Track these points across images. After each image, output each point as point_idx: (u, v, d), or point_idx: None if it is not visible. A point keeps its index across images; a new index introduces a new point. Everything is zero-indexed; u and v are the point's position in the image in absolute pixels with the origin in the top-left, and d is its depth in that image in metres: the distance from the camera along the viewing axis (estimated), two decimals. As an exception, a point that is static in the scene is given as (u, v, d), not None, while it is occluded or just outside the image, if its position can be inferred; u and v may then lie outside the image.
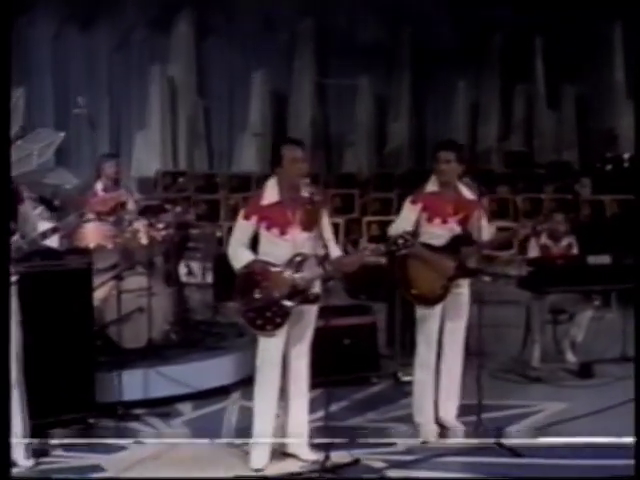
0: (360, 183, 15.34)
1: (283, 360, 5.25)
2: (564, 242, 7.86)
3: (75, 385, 5.90)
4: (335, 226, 12.27)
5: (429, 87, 17.70)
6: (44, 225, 5.34)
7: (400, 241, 5.13)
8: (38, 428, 5.64)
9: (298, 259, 5.08)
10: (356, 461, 5.22)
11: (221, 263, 9.14)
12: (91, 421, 5.96)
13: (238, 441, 5.49)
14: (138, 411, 6.25)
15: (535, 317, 7.51)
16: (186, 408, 6.42)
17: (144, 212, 7.88)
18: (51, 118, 15.38)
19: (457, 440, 5.65)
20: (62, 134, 12.18)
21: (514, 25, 16.96)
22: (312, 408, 6.32)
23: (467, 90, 17.53)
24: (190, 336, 7.30)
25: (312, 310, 5.21)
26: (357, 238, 12.72)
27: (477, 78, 17.74)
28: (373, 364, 7.16)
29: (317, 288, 5.13)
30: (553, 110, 17.42)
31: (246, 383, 6.78)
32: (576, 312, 7.64)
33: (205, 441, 5.55)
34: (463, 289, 5.85)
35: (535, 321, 7.52)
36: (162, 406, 6.37)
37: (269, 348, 5.16)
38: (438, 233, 5.79)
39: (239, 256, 5.12)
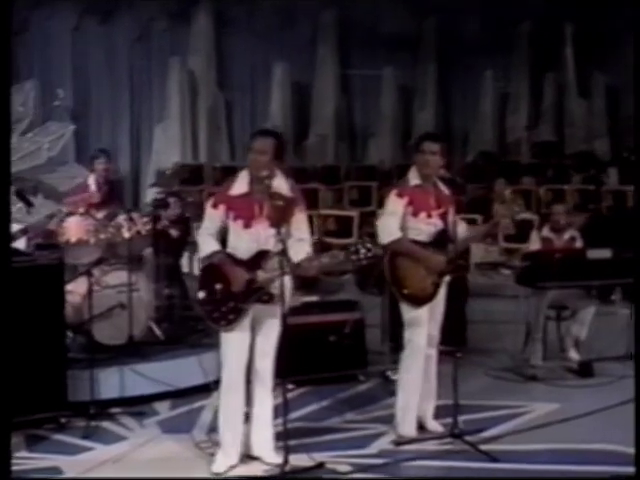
0: (381, 175, 15.05)
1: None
2: (566, 235, 7.55)
3: (47, 383, 5.78)
4: (349, 219, 12.27)
5: (455, 76, 17.37)
6: (14, 227, 5.25)
7: (362, 250, 4.87)
8: (8, 427, 5.58)
9: (260, 256, 4.88)
10: (320, 465, 5.00)
11: None
12: (63, 420, 5.83)
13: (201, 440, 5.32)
14: (113, 410, 6.09)
15: (535, 313, 7.22)
16: (163, 407, 6.24)
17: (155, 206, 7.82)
18: (69, 112, 15.37)
19: (427, 444, 5.40)
20: (72, 127, 12.08)
21: (544, 12, 16.55)
22: (293, 407, 6.21)
23: (495, 79, 17.15)
24: (175, 332, 7.13)
25: (276, 309, 4.96)
26: (372, 232, 12.45)
27: (505, 67, 17.35)
28: (361, 362, 6.93)
29: (282, 288, 4.83)
30: (584, 99, 16.97)
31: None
32: (578, 308, 7.32)
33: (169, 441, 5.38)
34: (442, 287, 5.60)
35: (535, 317, 7.22)
36: (140, 405, 6.21)
37: (229, 344, 4.96)
38: (423, 228, 5.55)
39: (203, 245, 4.97)
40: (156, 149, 15.72)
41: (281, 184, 4.97)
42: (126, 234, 6.89)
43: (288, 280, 4.86)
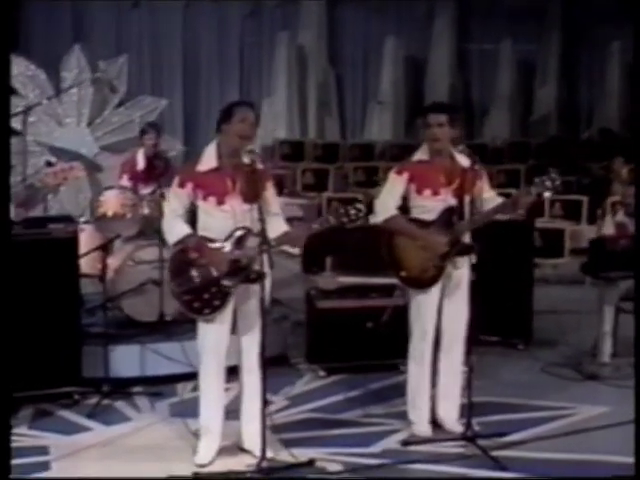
0: (491, 153, 14.32)
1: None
2: (645, 220, 6.78)
3: (61, 358, 5.66)
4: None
5: (580, 49, 16.32)
6: None
7: (352, 211, 4.46)
8: (22, 401, 5.51)
9: (239, 233, 4.52)
10: (309, 462, 4.61)
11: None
12: (76, 397, 5.70)
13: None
14: (129, 390, 5.91)
15: (604, 305, 6.52)
16: (185, 389, 5.99)
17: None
18: (180, 87, 15.46)
19: (438, 446, 4.90)
20: (165, 101, 12.10)
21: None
22: (317, 396, 5.87)
23: (623, 51, 15.97)
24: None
25: (264, 287, 4.56)
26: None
27: (636, 37, 16.11)
28: (401, 351, 6.44)
29: (262, 265, 4.48)
30: None
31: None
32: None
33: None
34: (462, 269, 5.06)
35: (604, 309, 6.53)
36: (162, 385, 6.00)
37: (209, 331, 4.64)
38: (429, 206, 5.05)
39: (173, 229, 4.62)
40: (262, 124, 15.52)
41: (248, 157, 4.59)
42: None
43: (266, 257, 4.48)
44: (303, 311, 6.76)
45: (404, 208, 5.12)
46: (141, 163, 7.42)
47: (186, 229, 4.60)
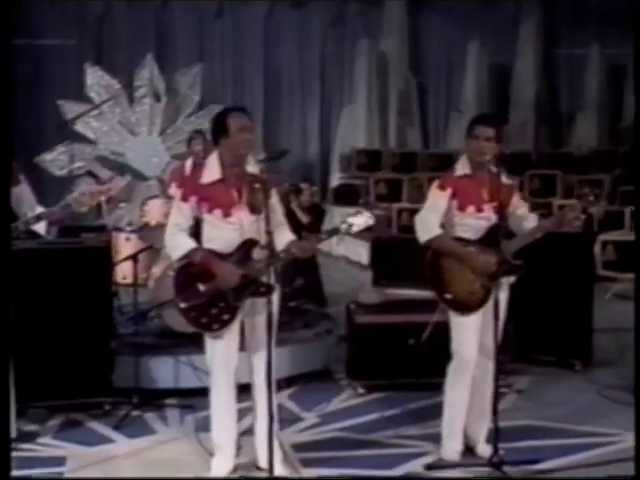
0: (576, 162, 13.81)
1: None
2: None
3: (92, 368, 5.64)
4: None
5: (675, 54, 15.57)
6: (38, 209, 5.16)
7: (343, 226, 4.33)
8: (52, 410, 5.51)
9: (247, 246, 4.37)
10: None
11: (379, 245, 8.70)
12: (107, 407, 5.67)
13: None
14: (160, 402, 5.84)
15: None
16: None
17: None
18: (261, 96, 15.47)
19: (460, 472, 4.64)
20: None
21: None
22: (351, 414, 5.68)
23: None
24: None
25: (273, 302, 4.39)
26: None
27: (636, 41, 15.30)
28: (442, 368, 6.17)
29: (271, 278, 4.33)
30: None
31: (298, 380, 6.21)
32: None
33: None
34: (502, 292, 4.78)
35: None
36: (194, 397, 5.90)
37: (218, 349, 4.51)
38: (472, 224, 4.80)
39: (177, 244, 4.48)
40: (341, 134, 15.41)
41: (252, 167, 4.45)
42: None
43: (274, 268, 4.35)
44: (348, 325, 6.58)
45: (444, 225, 4.88)
46: (189, 171, 7.37)
47: (191, 243, 4.47)
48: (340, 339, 6.79)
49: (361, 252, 11.22)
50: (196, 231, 4.55)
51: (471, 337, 4.79)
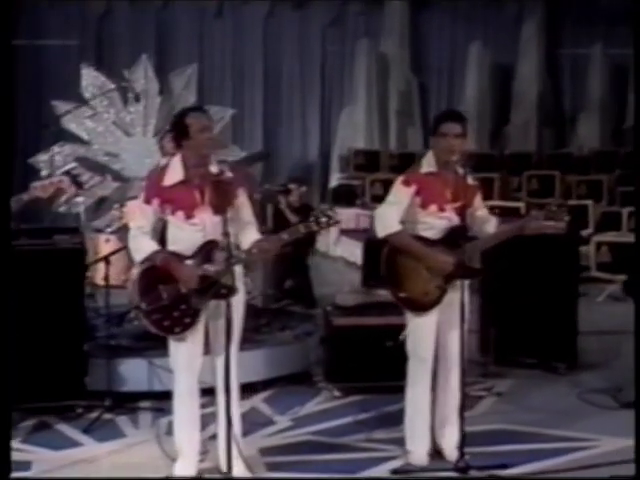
0: (577, 163, 13.68)
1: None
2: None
3: (64, 371, 5.61)
4: (508, 210, 11.15)
5: (679, 53, 15.40)
6: None
7: (323, 219, 4.22)
8: (25, 412, 5.47)
9: (208, 247, 4.31)
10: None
11: (371, 246, 8.63)
12: (79, 410, 5.63)
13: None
14: (139, 404, 5.79)
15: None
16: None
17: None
18: (261, 96, 15.42)
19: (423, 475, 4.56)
20: (231, 111, 12.00)
21: None
22: (325, 417, 5.62)
23: None
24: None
25: (235, 305, 4.35)
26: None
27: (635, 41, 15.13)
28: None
29: (233, 280, 4.27)
30: None
31: (276, 383, 6.15)
32: None
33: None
34: (460, 291, 4.69)
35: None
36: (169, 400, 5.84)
37: (180, 352, 4.46)
38: (434, 223, 4.72)
39: (140, 246, 4.42)
40: (341, 134, 15.33)
41: (216, 167, 4.38)
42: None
43: (239, 269, 4.30)
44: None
45: (405, 222, 4.80)
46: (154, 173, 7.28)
47: (153, 245, 4.42)
48: (321, 341, 6.73)
49: (357, 253, 11.11)
50: (162, 233, 4.50)
51: (426, 337, 4.72)
